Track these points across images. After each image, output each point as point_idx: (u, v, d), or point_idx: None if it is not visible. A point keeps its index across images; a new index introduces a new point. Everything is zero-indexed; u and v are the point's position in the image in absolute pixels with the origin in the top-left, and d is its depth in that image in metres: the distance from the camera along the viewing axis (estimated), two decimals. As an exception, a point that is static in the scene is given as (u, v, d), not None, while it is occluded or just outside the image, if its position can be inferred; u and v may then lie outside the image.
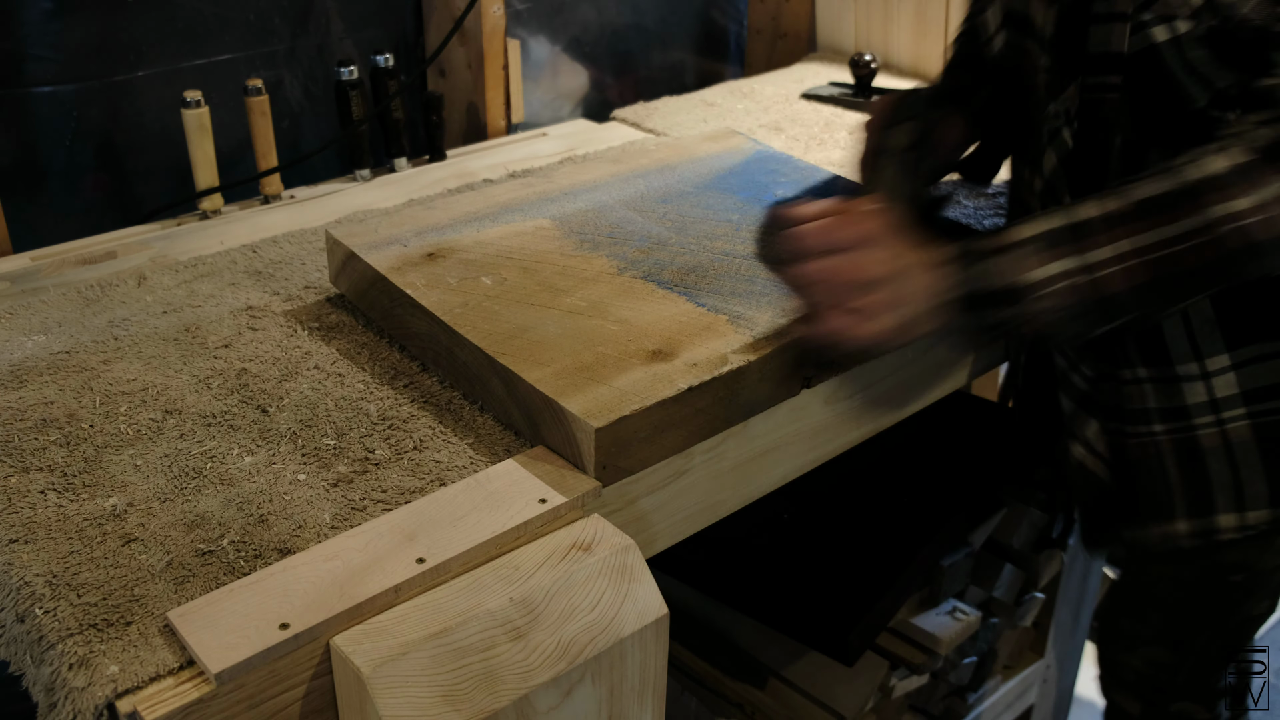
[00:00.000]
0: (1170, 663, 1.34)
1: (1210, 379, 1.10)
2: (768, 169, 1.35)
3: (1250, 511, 1.15)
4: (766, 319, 1.02)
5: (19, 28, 1.34)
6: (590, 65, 1.95)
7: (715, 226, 1.20)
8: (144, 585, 0.78)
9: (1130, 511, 1.21)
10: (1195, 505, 1.16)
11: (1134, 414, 1.15)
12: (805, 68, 1.98)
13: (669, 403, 0.91)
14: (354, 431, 0.95)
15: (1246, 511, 1.15)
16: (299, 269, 1.24)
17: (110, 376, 1.02)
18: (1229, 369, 1.10)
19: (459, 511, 0.84)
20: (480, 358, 0.97)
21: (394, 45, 1.68)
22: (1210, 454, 1.13)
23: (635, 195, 1.27)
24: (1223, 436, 1.12)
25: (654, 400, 0.90)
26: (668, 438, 0.93)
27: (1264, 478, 1.13)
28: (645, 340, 0.98)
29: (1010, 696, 1.79)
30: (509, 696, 0.74)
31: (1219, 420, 1.12)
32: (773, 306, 1.04)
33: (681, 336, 0.99)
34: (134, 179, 1.49)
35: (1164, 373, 1.12)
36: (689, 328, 1.00)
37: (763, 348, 0.98)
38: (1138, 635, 1.36)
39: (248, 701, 0.72)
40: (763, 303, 1.05)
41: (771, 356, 0.98)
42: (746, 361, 0.96)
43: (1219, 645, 1.33)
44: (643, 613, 0.82)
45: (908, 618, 1.56)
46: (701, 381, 0.93)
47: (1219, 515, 1.15)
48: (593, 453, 0.87)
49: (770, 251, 1.12)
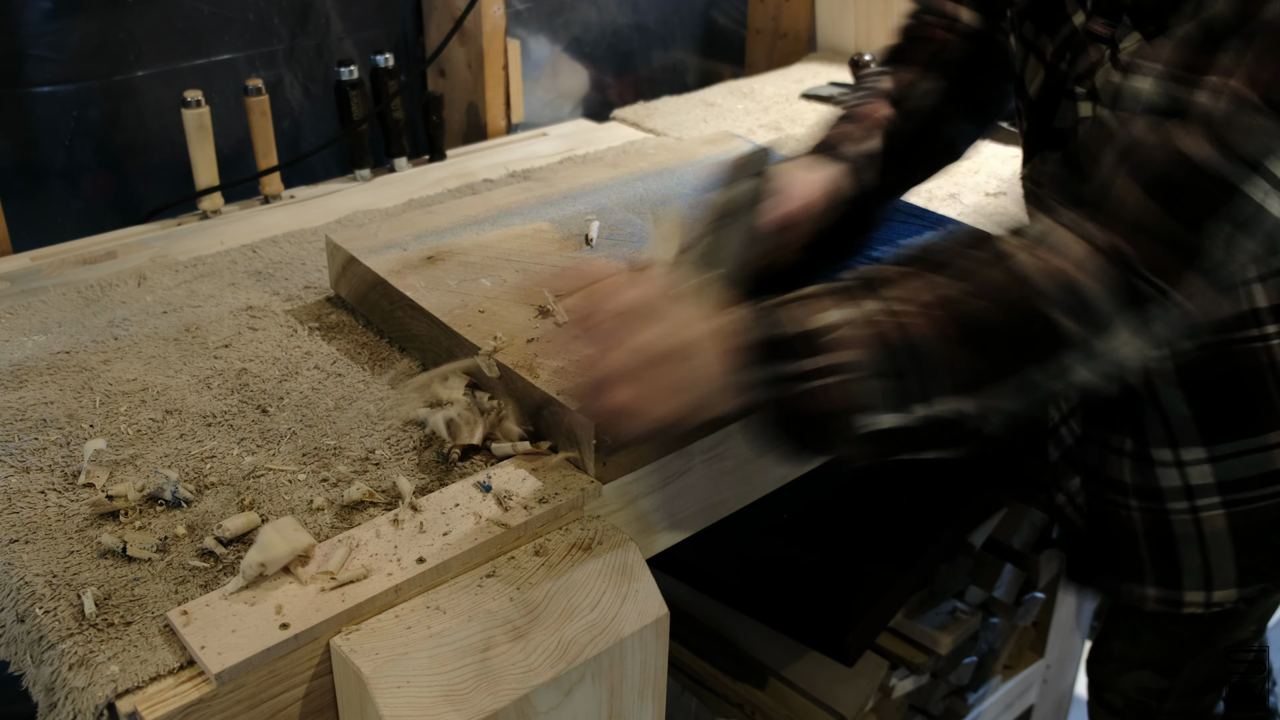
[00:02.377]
0: (1160, 688, 1.33)
1: (1185, 468, 1.07)
2: None
3: (1217, 591, 1.13)
4: None
5: (19, 28, 1.34)
6: (590, 65, 1.95)
7: None
8: (144, 585, 0.78)
9: (1107, 563, 1.19)
10: (1164, 578, 1.14)
11: (1112, 483, 1.12)
12: (805, 68, 1.98)
13: None
14: (354, 431, 0.95)
15: (1214, 591, 1.13)
16: (299, 269, 1.24)
17: (110, 376, 1.02)
18: (1205, 461, 1.06)
19: (459, 511, 0.84)
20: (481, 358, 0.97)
21: (394, 45, 1.68)
22: (1181, 538, 1.10)
23: (634, 198, 1.27)
24: (1195, 524, 1.09)
25: None
26: None
27: (1234, 562, 1.10)
28: None
29: (1010, 696, 1.79)
30: (509, 696, 0.74)
31: (1193, 508, 1.08)
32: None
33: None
34: (134, 179, 1.49)
35: (1141, 452, 1.08)
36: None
37: None
38: (1128, 659, 1.35)
39: (248, 701, 0.72)
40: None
41: None
42: None
43: (1208, 671, 1.32)
44: (643, 613, 0.82)
45: (908, 618, 1.56)
46: None
47: (1186, 591, 1.14)
48: (592, 448, 0.87)
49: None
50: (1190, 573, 1.12)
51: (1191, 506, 1.08)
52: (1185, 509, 1.08)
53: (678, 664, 1.56)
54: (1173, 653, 1.31)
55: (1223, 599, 1.12)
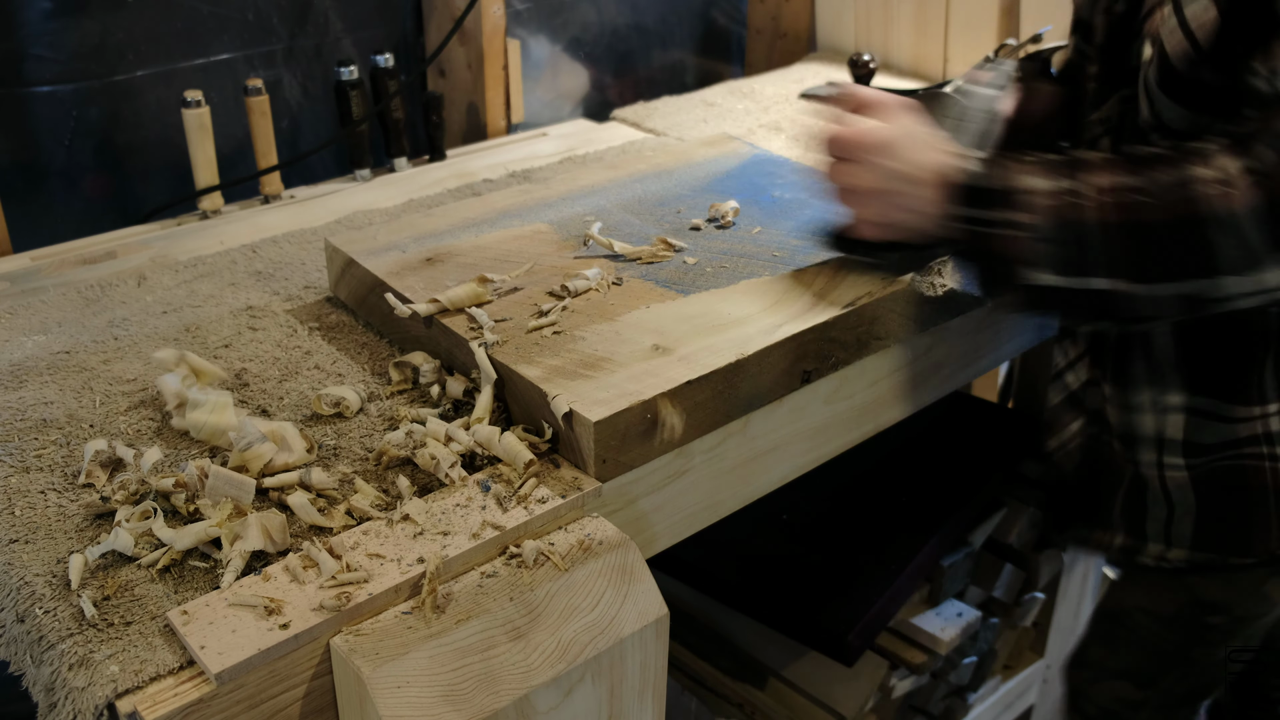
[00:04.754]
0: (1135, 700, 1.33)
1: (1162, 415, 1.14)
2: (765, 171, 1.35)
3: (1173, 549, 1.19)
4: (765, 316, 1.02)
5: (19, 28, 1.34)
6: (590, 65, 1.95)
7: (711, 226, 1.20)
8: (144, 585, 0.78)
9: (1085, 512, 1.25)
10: (1131, 525, 1.21)
11: (1105, 425, 1.19)
12: (805, 68, 1.98)
13: (666, 396, 0.91)
14: (354, 431, 0.95)
15: (1171, 548, 1.19)
16: (299, 269, 1.24)
17: (110, 376, 1.02)
18: (1180, 410, 1.12)
19: (459, 510, 0.84)
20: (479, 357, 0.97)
21: (394, 45, 1.68)
22: (1149, 488, 1.17)
23: (632, 199, 1.27)
24: (1160, 480, 1.16)
25: (652, 393, 0.90)
26: (668, 431, 0.93)
27: (1193, 522, 1.16)
28: (644, 336, 0.98)
29: (1010, 696, 1.79)
30: (509, 696, 0.74)
31: (1159, 463, 1.15)
32: (772, 304, 1.04)
33: (680, 332, 0.99)
34: (134, 179, 1.49)
35: (1125, 399, 1.15)
36: (687, 323, 1.01)
37: (761, 341, 0.98)
38: (1104, 667, 1.35)
39: (248, 701, 0.72)
40: (761, 300, 1.05)
41: (771, 350, 0.98)
42: (744, 355, 0.96)
43: (1187, 686, 1.32)
44: (643, 613, 0.82)
45: (908, 618, 1.56)
46: (700, 375, 0.93)
47: (1148, 542, 1.20)
48: (592, 446, 0.87)
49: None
50: (1154, 522, 1.18)
51: (1159, 460, 1.16)
52: (1153, 461, 1.16)
53: (678, 664, 1.56)
54: (1151, 664, 1.31)
55: (1175, 558, 1.19)
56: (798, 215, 1.23)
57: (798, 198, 1.28)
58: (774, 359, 0.99)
